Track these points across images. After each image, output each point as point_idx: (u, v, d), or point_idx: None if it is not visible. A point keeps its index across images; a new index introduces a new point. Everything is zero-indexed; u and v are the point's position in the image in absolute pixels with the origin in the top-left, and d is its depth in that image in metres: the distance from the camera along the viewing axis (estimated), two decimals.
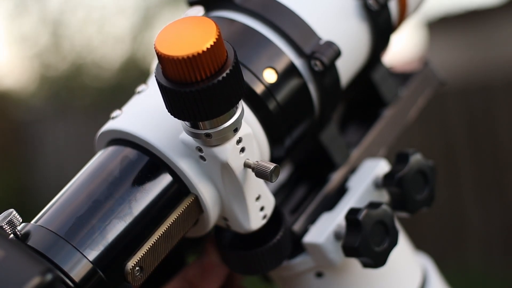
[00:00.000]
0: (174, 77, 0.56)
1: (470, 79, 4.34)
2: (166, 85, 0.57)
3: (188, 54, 0.55)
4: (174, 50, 0.56)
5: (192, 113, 0.57)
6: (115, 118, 0.67)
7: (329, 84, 0.70)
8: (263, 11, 0.70)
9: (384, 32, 0.76)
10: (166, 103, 0.58)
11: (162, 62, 0.56)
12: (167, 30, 0.57)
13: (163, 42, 0.56)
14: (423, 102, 0.83)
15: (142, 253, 0.62)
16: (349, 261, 0.73)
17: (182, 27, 0.57)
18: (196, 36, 0.56)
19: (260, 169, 0.63)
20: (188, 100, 0.57)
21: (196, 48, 0.55)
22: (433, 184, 0.73)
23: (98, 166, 0.65)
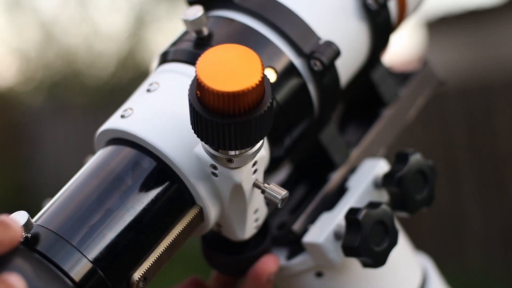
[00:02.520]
0: (211, 106, 0.56)
1: (470, 79, 4.34)
2: (202, 113, 0.56)
3: (234, 91, 0.54)
4: (218, 83, 0.55)
5: (223, 142, 0.57)
6: (126, 118, 0.65)
7: (328, 84, 0.70)
8: (263, 11, 0.70)
9: (384, 31, 0.76)
10: (195, 126, 0.58)
11: (202, 91, 0.55)
12: (209, 58, 0.56)
13: (206, 71, 0.55)
14: (423, 102, 0.83)
15: (148, 265, 0.62)
16: (349, 261, 0.73)
17: (226, 56, 0.56)
18: (242, 71, 0.55)
19: (270, 194, 0.64)
20: (222, 131, 0.56)
21: (243, 86, 0.55)
22: (433, 184, 0.73)
23: (101, 166, 0.64)
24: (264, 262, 0.72)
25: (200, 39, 0.69)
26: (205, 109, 0.56)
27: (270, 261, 0.72)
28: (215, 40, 0.68)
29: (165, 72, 0.69)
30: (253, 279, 0.72)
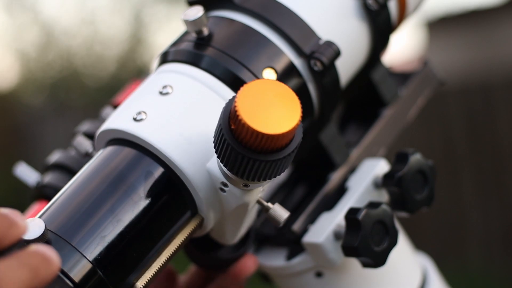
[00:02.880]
0: (244, 141, 0.56)
1: (470, 79, 4.34)
2: (234, 146, 0.56)
3: (273, 133, 0.55)
4: (258, 123, 0.55)
5: (247, 174, 0.58)
6: (140, 122, 0.64)
7: (328, 84, 0.70)
8: (263, 11, 0.70)
9: (384, 32, 0.76)
10: (221, 153, 0.58)
11: (239, 126, 0.56)
12: (250, 93, 0.56)
13: (247, 107, 0.56)
14: (423, 102, 0.83)
15: (152, 274, 0.63)
16: (348, 261, 0.73)
17: (266, 93, 0.57)
18: (282, 113, 0.56)
19: (274, 214, 0.64)
20: (251, 165, 0.57)
21: (282, 129, 0.55)
22: (433, 183, 0.73)
23: (105, 167, 0.64)
24: (245, 263, 0.75)
25: (200, 39, 0.69)
26: (237, 142, 0.57)
27: (250, 261, 0.75)
28: (215, 40, 0.68)
29: (172, 73, 0.68)
30: (233, 277, 0.75)
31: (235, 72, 0.66)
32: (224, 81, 0.66)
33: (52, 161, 0.80)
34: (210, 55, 0.67)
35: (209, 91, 0.66)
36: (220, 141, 0.57)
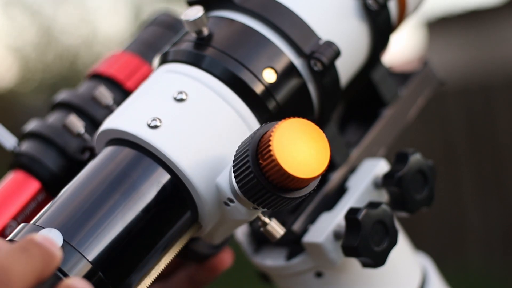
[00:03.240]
0: (271, 177, 0.58)
1: (470, 79, 4.34)
2: (260, 180, 0.58)
3: (303, 177, 0.57)
4: (291, 166, 0.57)
5: (263, 203, 0.60)
6: (154, 129, 0.63)
7: (328, 84, 0.70)
8: (263, 11, 0.70)
9: (384, 32, 0.76)
10: (242, 182, 0.59)
11: (271, 166, 0.57)
12: (284, 135, 0.57)
13: (282, 150, 0.57)
14: (423, 102, 0.83)
15: (151, 281, 0.63)
16: (348, 261, 0.73)
17: (300, 135, 0.58)
18: (312, 157, 0.58)
19: (271, 230, 0.67)
20: (272, 200, 0.59)
21: (310, 174, 0.57)
22: (433, 183, 0.73)
23: (109, 168, 0.64)
24: (223, 258, 0.79)
25: (200, 39, 0.69)
26: (263, 176, 0.58)
27: (228, 256, 0.80)
28: (215, 41, 0.68)
29: (184, 76, 0.67)
30: (210, 271, 0.79)
31: (235, 72, 0.67)
32: (225, 82, 0.67)
33: (28, 129, 0.79)
34: (212, 55, 0.67)
35: (222, 102, 0.66)
36: (243, 169, 0.58)
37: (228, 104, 0.66)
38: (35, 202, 0.76)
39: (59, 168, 0.76)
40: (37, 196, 0.76)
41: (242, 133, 0.66)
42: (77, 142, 0.76)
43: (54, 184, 0.76)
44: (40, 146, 0.77)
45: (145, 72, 0.80)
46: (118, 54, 0.83)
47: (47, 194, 0.77)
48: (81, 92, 0.80)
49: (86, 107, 0.78)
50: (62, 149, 0.76)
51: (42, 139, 0.77)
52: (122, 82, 0.80)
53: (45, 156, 0.76)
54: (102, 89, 0.75)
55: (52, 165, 0.76)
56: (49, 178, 0.76)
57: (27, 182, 0.76)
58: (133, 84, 0.80)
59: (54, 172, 0.76)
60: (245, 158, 0.58)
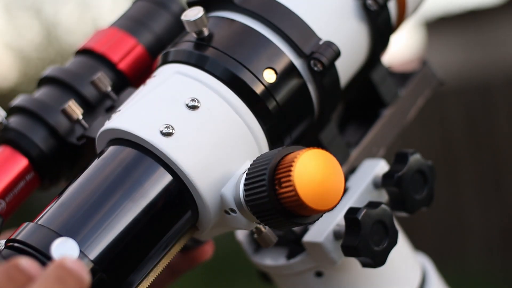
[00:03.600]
0: (285, 204, 0.59)
1: (469, 79, 4.34)
2: (274, 205, 0.59)
3: (317, 209, 0.58)
4: (309, 198, 0.58)
5: (269, 223, 0.61)
6: (167, 138, 0.63)
7: (328, 84, 0.71)
8: (263, 12, 0.70)
9: (383, 32, 0.76)
10: (253, 202, 0.60)
11: (289, 196, 0.58)
12: (306, 167, 0.58)
13: (302, 182, 0.58)
14: (423, 102, 0.83)
15: (149, 283, 0.64)
16: (348, 261, 0.73)
17: (319, 168, 0.59)
18: (327, 190, 0.59)
19: (265, 238, 0.68)
20: (275, 219, 0.60)
21: (324, 207, 0.58)
22: (432, 183, 0.73)
23: (111, 169, 0.64)
24: (205, 249, 0.82)
25: (200, 40, 0.69)
26: (277, 202, 0.59)
27: (210, 248, 0.83)
28: (215, 41, 0.68)
29: (195, 81, 0.67)
30: (191, 261, 0.82)
31: (235, 72, 0.67)
32: (225, 82, 0.67)
33: (15, 103, 0.77)
34: (215, 56, 0.68)
35: (232, 112, 0.66)
36: (257, 190, 0.59)
37: (237, 113, 0.67)
38: (24, 181, 0.75)
39: (48, 147, 0.75)
40: (26, 175, 0.75)
41: (248, 143, 0.67)
42: (69, 122, 0.75)
43: (43, 163, 0.75)
44: (28, 122, 0.75)
45: (138, 54, 0.79)
46: (109, 31, 0.81)
47: (35, 174, 0.75)
48: (74, 68, 0.78)
49: (75, 85, 0.77)
50: (52, 127, 0.75)
51: (31, 115, 0.76)
52: (116, 63, 0.79)
53: (33, 132, 0.75)
54: (102, 75, 0.74)
55: (40, 142, 0.75)
56: (37, 156, 0.75)
57: (14, 158, 0.75)
58: (125, 66, 0.79)
59: (42, 150, 0.75)
60: (260, 180, 0.59)
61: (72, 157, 0.77)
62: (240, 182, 0.63)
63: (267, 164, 0.59)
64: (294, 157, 0.58)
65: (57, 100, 0.76)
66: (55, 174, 0.77)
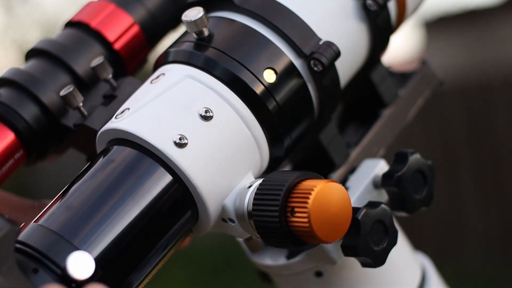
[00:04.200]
0: (295, 232, 0.60)
1: (469, 79, 4.34)
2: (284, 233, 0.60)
3: (325, 240, 0.60)
4: (321, 231, 0.59)
5: (271, 242, 0.62)
6: (179, 148, 0.63)
7: (328, 84, 0.71)
8: (263, 12, 0.70)
9: (383, 32, 0.76)
10: (261, 227, 0.61)
11: (302, 227, 0.59)
12: (322, 198, 0.59)
13: (317, 214, 0.59)
14: (422, 102, 0.83)
15: (145, 283, 0.64)
16: (348, 261, 0.73)
17: (332, 201, 0.60)
18: (337, 224, 0.60)
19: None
20: (282, 244, 0.62)
21: (332, 239, 0.60)
22: (432, 183, 0.73)
23: (113, 169, 0.64)
24: None
25: (200, 40, 0.69)
26: (287, 227, 0.60)
27: (187, 239, 0.81)
28: (215, 41, 0.68)
29: (207, 89, 0.67)
30: None
31: (236, 73, 0.67)
32: (225, 83, 0.67)
33: (3, 76, 0.74)
34: (215, 57, 0.68)
35: (242, 124, 0.67)
36: (267, 214, 0.60)
37: (246, 125, 0.67)
38: (12, 160, 0.72)
39: (38, 125, 0.72)
40: (14, 153, 0.72)
41: (253, 154, 0.68)
42: (62, 102, 0.72)
43: (31, 139, 0.73)
44: (15, 93, 0.72)
45: (134, 34, 0.77)
46: (105, 5, 0.77)
47: (24, 152, 0.73)
48: (68, 43, 0.75)
49: (69, 61, 0.74)
50: (45, 106, 0.72)
51: (17, 87, 0.73)
52: (112, 42, 0.76)
53: (22, 107, 0.72)
54: (105, 62, 0.71)
55: (30, 119, 0.72)
56: (26, 131, 0.72)
57: (0, 130, 0.72)
58: (121, 46, 0.76)
59: (32, 127, 0.72)
60: (273, 205, 0.60)
61: (61, 135, 0.74)
62: (246, 196, 0.64)
63: (281, 189, 0.60)
64: (311, 189, 0.59)
65: (50, 76, 0.73)
66: (42, 151, 0.75)
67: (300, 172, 0.62)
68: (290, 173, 0.61)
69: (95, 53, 0.75)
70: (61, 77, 0.73)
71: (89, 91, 0.74)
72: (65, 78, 0.74)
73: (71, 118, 0.73)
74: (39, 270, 0.57)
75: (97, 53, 0.75)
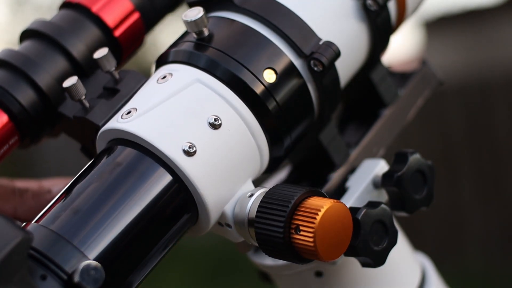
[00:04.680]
0: (297, 249, 0.61)
1: (469, 79, 4.34)
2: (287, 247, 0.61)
3: (325, 259, 0.61)
4: (324, 252, 0.60)
5: (267, 252, 0.63)
6: (189, 157, 0.63)
7: (328, 84, 0.71)
8: (263, 12, 0.70)
9: (383, 32, 0.76)
10: (264, 243, 0.62)
11: (306, 247, 0.60)
12: (328, 220, 0.60)
13: (322, 236, 0.60)
14: (422, 102, 0.84)
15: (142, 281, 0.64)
16: (348, 261, 0.73)
17: (336, 222, 0.61)
18: (337, 244, 0.62)
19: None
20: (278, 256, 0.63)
21: (330, 258, 0.61)
22: (432, 183, 0.73)
23: (113, 169, 0.64)
24: None
25: (200, 40, 0.69)
26: (290, 244, 0.61)
27: None
28: (215, 41, 0.68)
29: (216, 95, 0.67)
30: None
31: (236, 73, 0.67)
32: (226, 83, 0.67)
33: None
34: (216, 58, 0.68)
35: (248, 134, 0.67)
36: (271, 229, 0.61)
37: (251, 133, 0.67)
38: (7, 145, 0.71)
39: (32, 107, 0.70)
40: (7, 137, 0.70)
41: (255, 162, 0.68)
42: (58, 85, 0.70)
43: (26, 124, 0.71)
44: (8, 75, 0.70)
45: (133, 21, 0.75)
46: None
47: (18, 138, 0.72)
48: (66, 26, 0.72)
49: (67, 46, 0.72)
50: (38, 86, 0.70)
51: (14, 71, 0.70)
52: (112, 28, 0.74)
53: (15, 88, 0.70)
54: (109, 55, 0.69)
55: (23, 100, 0.70)
56: (20, 114, 0.70)
57: None
58: (121, 34, 0.74)
59: (26, 109, 0.70)
60: (278, 220, 0.60)
61: (56, 120, 0.73)
62: (247, 205, 0.64)
63: (287, 206, 0.61)
64: (317, 209, 0.60)
65: (46, 59, 0.71)
66: (36, 135, 0.73)
67: (305, 188, 0.62)
68: (296, 189, 0.62)
69: (94, 38, 0.73)
70: (58, 61, 0.71)
71: (87, 78, 0.73)
72: (61, 62, 0.72)
73: (70, 108, 0.71)
74: (47, 277, 0.57)
75: (96, 38, 0.73)
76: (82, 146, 0.74)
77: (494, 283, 3.91)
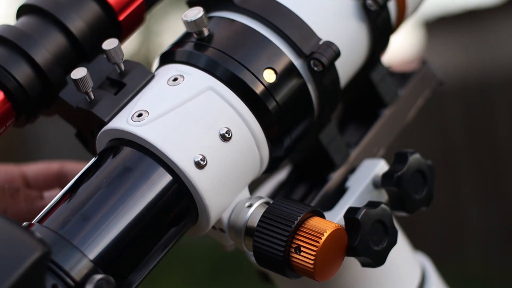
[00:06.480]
0: (295, 267, 0.62)
1: (468, 79, 4.34)
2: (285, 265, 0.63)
3: (319, 279, 0.62)
4: (320, 273, 0.62)
5: (261, 264, 0.64)
6: (200, 168, 0.63)
7: (328, 84, 0.71)
8: (263, 12, 0.70)
9: (383, 32, 0.76)
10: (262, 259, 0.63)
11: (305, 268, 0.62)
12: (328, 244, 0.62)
13: (321, 260, 0.62)
14: (422, 102, 0.84)
15: None
16: (348, 260, 0.73)
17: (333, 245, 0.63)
18: (331, 266, 0.63)
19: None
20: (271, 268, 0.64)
21: (324, 278, 0.63)
22: (432, 183, 0.73)
23: (114, 169, 0.63)
24: None
25: (200, 40, 0.69)
26: (288, 262, 0.62)
27: None
28: (215, 41, 0.69)
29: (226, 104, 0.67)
30: None
31: (236, 73, 0.67)
32: (226, 83, 0.67)
33: None
34: (214, 56, 0.68)
35: (255, 146, 0.68)
36: (272, 246, 0.62)
37: (257, 145, 0.68)
38: (3, 128, 0.69)
39: (29, 84, 0.68)
40: (5, 118, 0.68)
41: (256, 171, 0.69)
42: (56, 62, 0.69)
43: (22, 101, 0.69)
44: (5, 51, 0.68)
45: (137, 6, 0.73)
46: None
47: (14, 117, 0.70)
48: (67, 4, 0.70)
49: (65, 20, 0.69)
50: (35, 62, 0.68)
51: (11, 46, 0.68)
52: (117, 12, 0.71)
53: (12, 64, 0.67)
54: (118, 48, 0.67)
55: (19, 77, 0.67)
56: (16, 91, 0.67)
57: None
58: (125, 19, 0.72)
59: (22, 86, 0.68)
60: (279, 239, 0.62)
61: (54, 100, 0.71)
62: (245, 215, 0.66)
63: (290, 226, 0.62)
64: (321, 233, 0.61)
65: (44, 35, 0.69)
66: (33, 113, 0.71)
67: (307, 207, 0.63)
68: (299, 208, 0.63)
69: (95, 16, 0.71)
70: (56, 37, 0.69)
71: (89, 62, 0.71)
72: (60, 38, 0.69)
73: (72, 94, 0.69)
74: (58, 287, 0.57)
75: (97, 16, 0.71)
76: (77, 132, 0.73)
77: (494, 283, 3.91)
